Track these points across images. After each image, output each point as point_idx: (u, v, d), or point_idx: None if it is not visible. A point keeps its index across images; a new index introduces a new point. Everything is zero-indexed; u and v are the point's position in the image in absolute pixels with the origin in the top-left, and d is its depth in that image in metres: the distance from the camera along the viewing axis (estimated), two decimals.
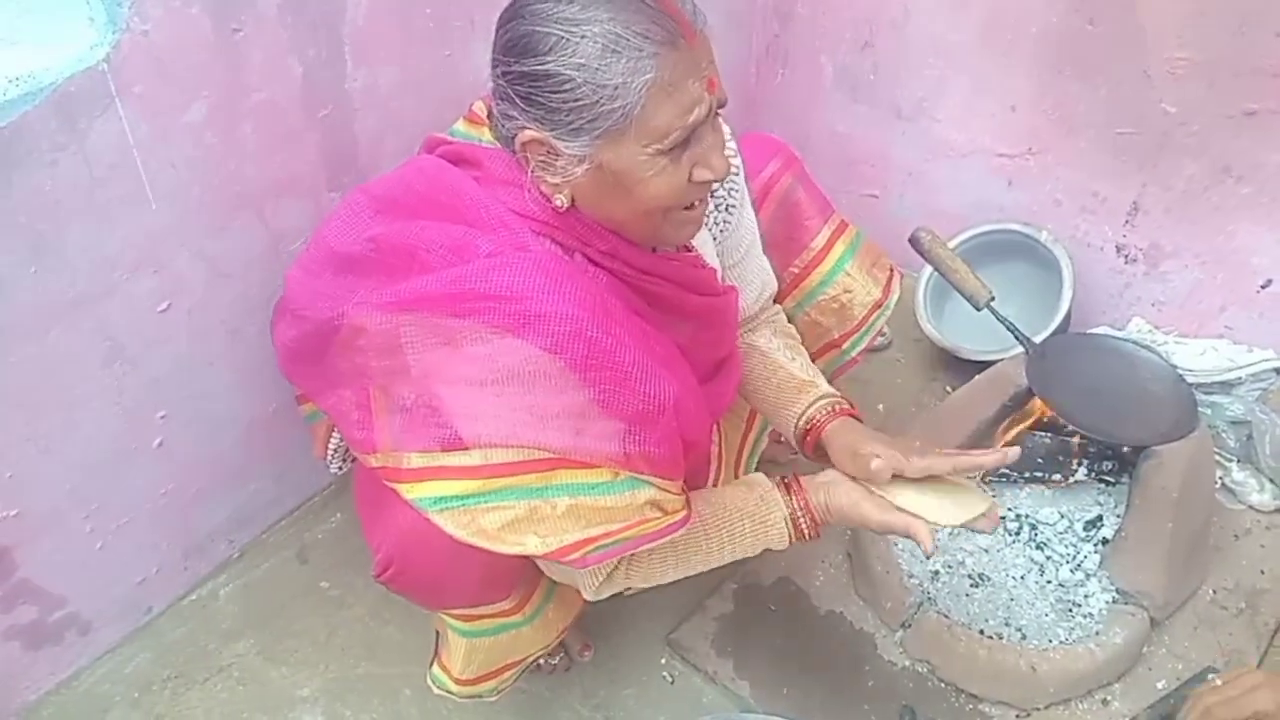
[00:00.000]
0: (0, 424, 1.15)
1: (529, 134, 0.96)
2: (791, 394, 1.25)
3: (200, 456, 1.37)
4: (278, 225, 1.30)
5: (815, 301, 1.42)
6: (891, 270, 1.46)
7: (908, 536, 1.09)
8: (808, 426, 1.22)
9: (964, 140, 1.85)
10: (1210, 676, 1.22)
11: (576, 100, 0.92)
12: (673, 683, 1.41)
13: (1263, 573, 1.48)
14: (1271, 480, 1.57)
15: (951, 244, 1.65)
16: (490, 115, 1.05)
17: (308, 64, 1.24)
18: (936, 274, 1.58)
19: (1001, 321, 1.48)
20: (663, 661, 1.43)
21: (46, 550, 1.26)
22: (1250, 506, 1.57)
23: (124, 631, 1.41)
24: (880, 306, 1.44)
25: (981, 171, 1.86)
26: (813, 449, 1.22)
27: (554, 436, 0.96)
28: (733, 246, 1.28)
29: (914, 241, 1.53)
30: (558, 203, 1.01)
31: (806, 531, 1.11)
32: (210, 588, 1.48)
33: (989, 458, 1.12)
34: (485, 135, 1.06)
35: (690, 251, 1.17)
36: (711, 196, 1.20)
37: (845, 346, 1.44)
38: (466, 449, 0.95)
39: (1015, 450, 1.13)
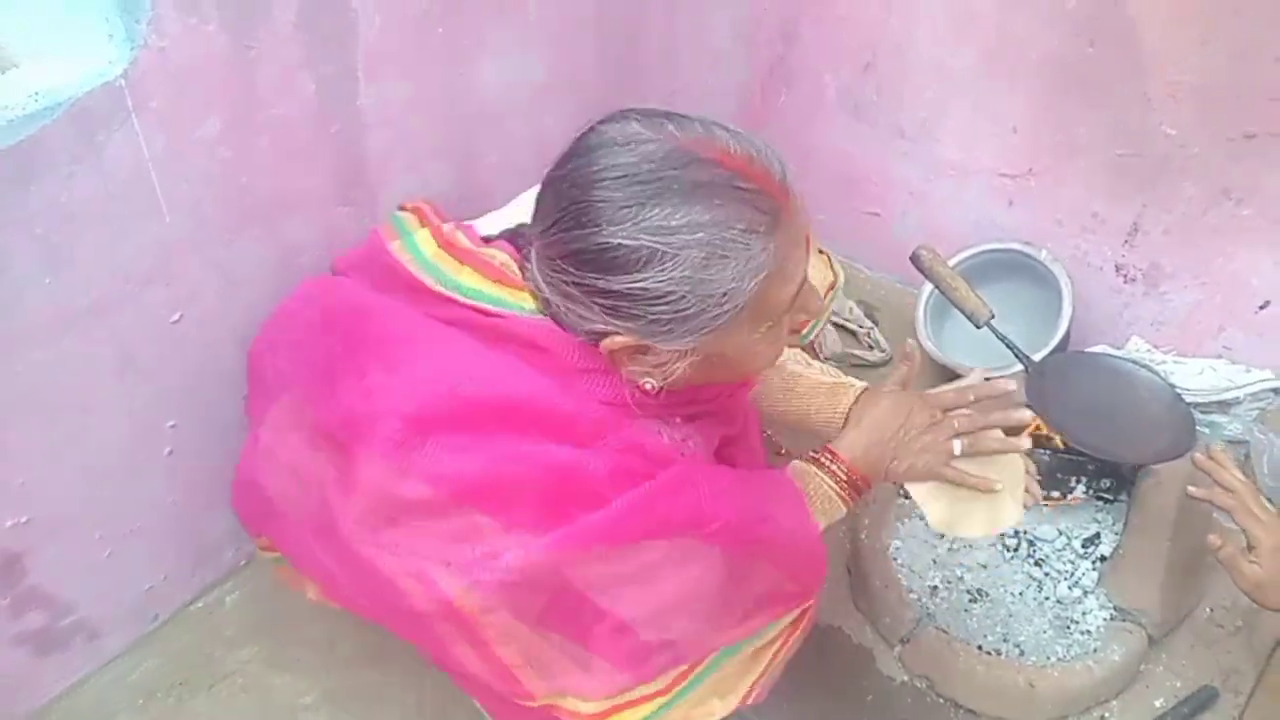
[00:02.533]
0: (13, 431, 1.16)
1: (623, 340, 0.85)
2: (825, 398, 1.21)
3: (209, 465, 1.38)
4: (288, 238, 1.32)
5: None
6: (827, 253, 1.52)
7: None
8: None
9: (965, 160, 1.87)
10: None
11: (681, 312, 0.82)
12: None
13: None
14: (1270, 499, 1.58)
15: (952, 262, 1.67)
16: (536, 293, 0.91)
17: (320, 81, 1.26)
18: (937, 291, 1.60)
19: (1001, 339, 1.49)
20: None
21: (56, 557, 1.27)
22: None
23: (131, 638, 1.42)
24: (834, 287, 1.51)
25: (982, 191, 1.88)
26: None
27: (732, 634, 0.97)
28: None
29: (915, 259, 1.55)
30: (648, 387, 0.91)
31: (859, 490, 1.07)
32: (216, 595, 1.49)
33: (1000, 384, 1.11)
34: (526, 302, 0.92)
35: None
36: None
37: (805, 331, 1.46)
38: (654, 679, 0.94)
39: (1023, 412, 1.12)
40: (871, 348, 1.94)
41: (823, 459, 1.07)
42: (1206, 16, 1.49)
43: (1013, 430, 1.13)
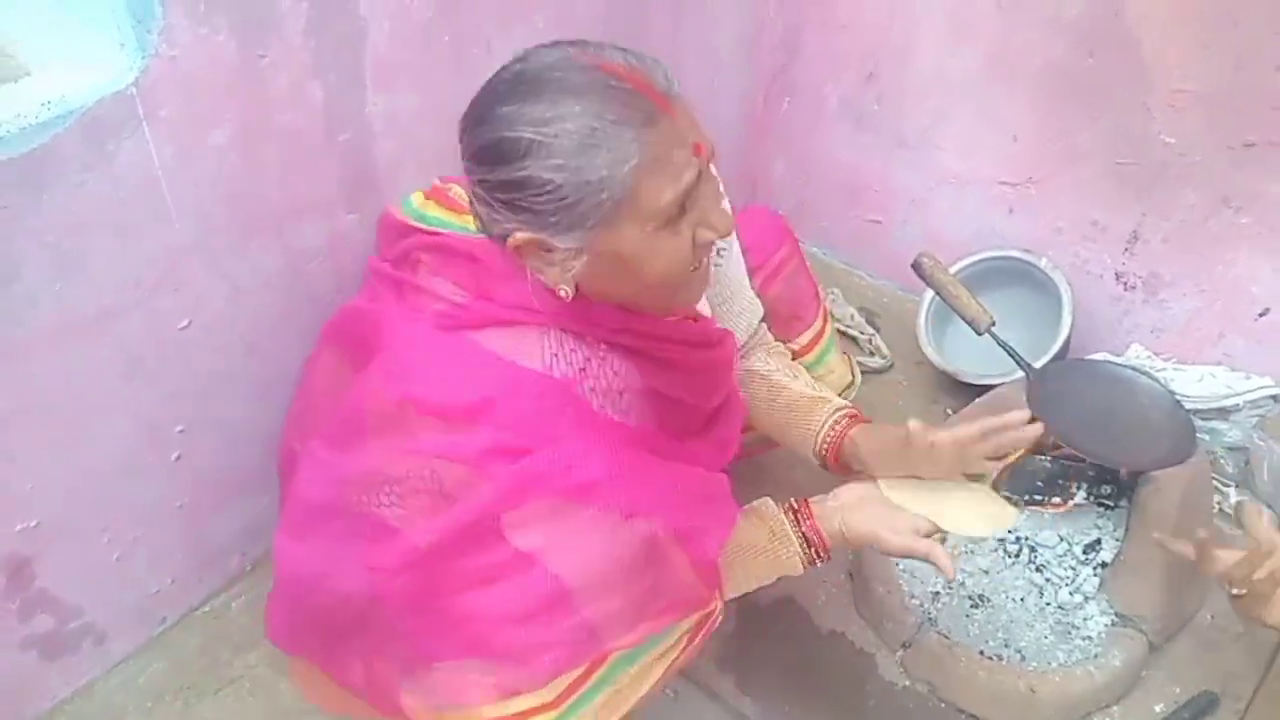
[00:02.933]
0: (22, 436, 1.17)
1: (520, 236, 0.93)
2: (804, 412, 1.26)
3: (216, 470, 1.40)
4: (296, 245, 1.33)
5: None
6: (848, 355, 1.62)
7: (929, 561, 1.10)
8: (829, 440, 1.23)
9: (966, 169, 1.88)
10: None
11: (562, 200, 0.90)
12: (675, 699, 1.42)
13: None
14: (1269, 505, 1.59)
15: (953, 270, 1.68)
16: (472, 207, 1.01)
17: (329, 89, 1.27)
18: (938, 299, 1.61)
19: (1002, 346, 1.50)
20: None
21: (64, 561, 1.28)
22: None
23: (138, 642, 1.43)
24: (850, 386, 1.59)
25: (983, 199, 1.89)
26: (836, 460, 1.24)
27: (621, 638, 0.99)
28: (723, 286, 1.31)
29: (916, 267, 1.56)
30: (562, 294, 0.98)
31: (818, 559, 1.13)
32: (223, 599, 1.50)
33: (1012, 417, 1.15)
34: (470, 224, 1.03)
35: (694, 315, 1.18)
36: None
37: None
38: (540, 689, 0.98)
39: (1034, 427, 1.16)
40: (873, 354, 1.95)
41: (801, 521, 1.13)
42: (1204, 26, 1.51)
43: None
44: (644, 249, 0.94)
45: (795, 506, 1.15)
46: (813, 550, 1.13)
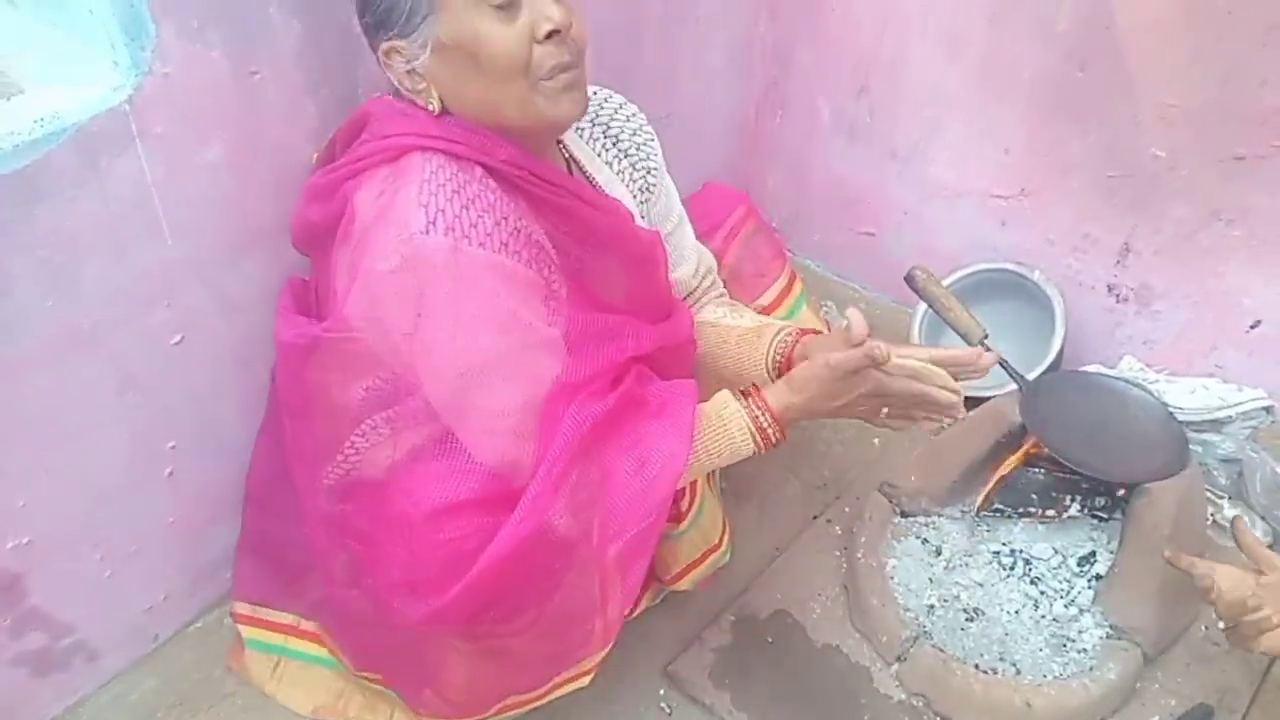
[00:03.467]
0: (15, 452, 1.17)
1: (383, 47, 1.05)
2: (751, 342, 1.29)
3: (209, 485, 1.39)
4: (289, 261, 1.33)
5: None
6: (824, 317, 1.64)
7: (869, 360, 1.09)
8: (779, 359, 1.26)
9: (958, 181, 1.89)
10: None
11: None
12: (670, 714, 1.42)
13: None
14: (1262, 517, 1.59)
15: (946, 282, 1.69)
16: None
17: (323, 105, 1.28)
18: (931, 311, 1.61)
19: (996, 358, 1.51)
20: (661, 693, 1.44)
21: (57, 577, 1.28)
22: None
23: (130, 659, 1.43)
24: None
25: (975, 212, 1.90)
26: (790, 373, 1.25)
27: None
28: (662, 215, 1.35)
29: (909, 280, 1.57)
30: (432, 107, 1.07)
31: (770, 431, 1.12)
32: (216, 615, 1.49)
33: (964, 354, 1.18)
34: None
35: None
36: (625, 155, 1.30)
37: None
38: None
39: (992, 356, 1.20)
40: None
41: (752, 400, 1.14)
42: (1192, 41, 1.52)
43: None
44: (476, 33, 1.02)
45: (743, 389, 1.16)
46: (763, 420, 1.12)
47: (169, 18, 1.10)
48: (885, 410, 1.16)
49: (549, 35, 1.03)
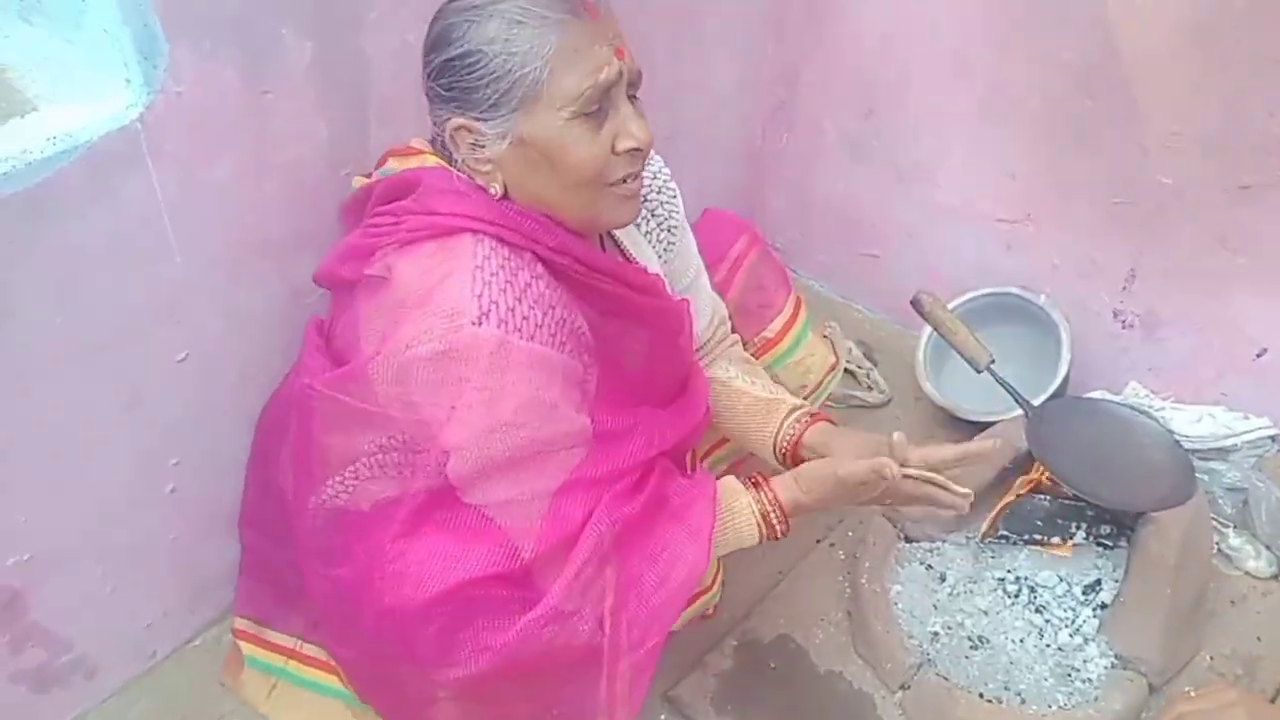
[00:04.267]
0: (19, 468, 1.17)
1: (454, 122, 1.03)
2: (761, 415, 1.30)
3: (209, 502, 1.39)
4: (295, 278, 1.33)
5: (785, 363, 1.57)
6: (831, 338, 1.67)
7: (876, 474, 1.11)
8: (787, 442, 1.27)
9: (963, 205, 1.89)
10: (1186, 689, 1.20)
11: (490, 73, 0.99)
12: None
13: (1259, 639, 1.49)
14: (1268, 546, 1.59)
15: (951, 306, 1.69)
16: (431, 142, 1.11)
17: (333, 125, 1.28)
18: (937, 335, 1.61)
19: (1001, 384, 1.51)
20: (662, 718, 1.43)
21: (57, 593, 1.27)
22: (1246, 572, 1.58)
23: (128, 675, 1.42)
24: (834, 368, 1.62)
25: (981, 235, 1.90)
26: (794, 461, 1.26)
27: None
28: (681, 269, 1.36)
29: (915, 304, 1.57)
30: (492, 191, 1.06)
31: (776, 525, 1.15)
32: (214, 633, 1.49)
33: (984, 446, 1.20)
34: (426, 161, 1.11)
35: (634, 262, 1.23)
36: (652, 215, 1.30)
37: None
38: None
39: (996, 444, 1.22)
40: (870, 389, 1.95)
41: (763, 493, 1.15)
42: (1197, 69, 1.52)
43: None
44: (562, 140, 1.01)
45: (753, 478, 1.18)
46: (772, 516, 1.14)
47: (183, 37, 1.10)
48: (890, 502, 1.19)
49: (628, 150, 1.04)
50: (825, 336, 1.66)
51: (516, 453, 1.01)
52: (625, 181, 1.07)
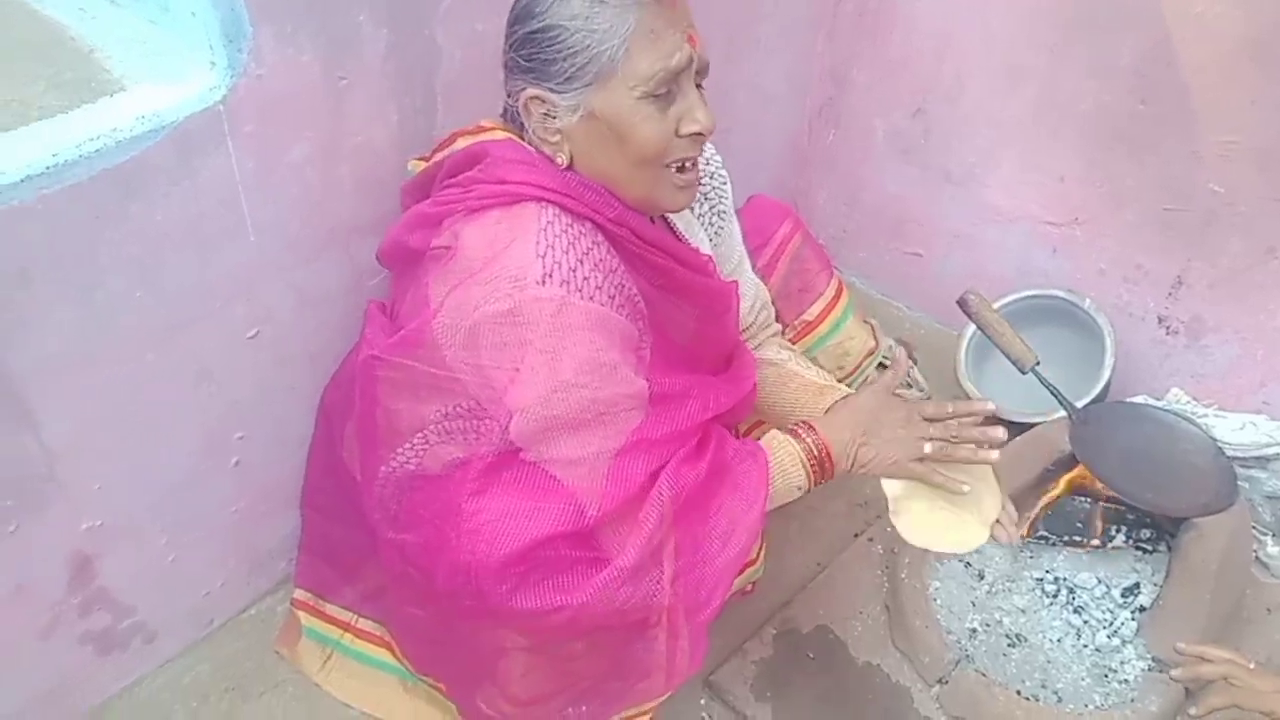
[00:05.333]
0: (95, 438, 1.21)
1: (529, 92, 1.06)
2: (812, 396, 1.32)
3: (271, 477, 1.42)
4: (361, 261, 1.36)
5: (823, 346, 1.60)
6: (873, 325, 1.67)
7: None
8: None
9: (1012, 207, 1.90)
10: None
11: (569, 48, 1.02)
12: None
13: None
14: None
15: (996, 306, 1.70)
16: (504, 112, 1.14)
17: (404, 112, 1.31)
18: (980, 334, 1.63)
19: (1046, 386, 1.52)
20: (702, 702, 1.46)
21: (124, 560, 1.31)
22: None
23: (186, 642, 1.46)
24: (872, 353, 1.65)
25: (1027, 238, 1.91)
26: None
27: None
28: (726, 254, 1.39)
29: (962, 303, 1.58)
30: (559, 161, 1.09)
31: (825, 463, 1.18)
32: (269, 604, 1.53)
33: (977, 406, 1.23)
34: (495, 135, 1.14)
35: (686, 243, 1.26)
36: (705, 198, 1.33)
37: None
38: None
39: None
40: (909, 385, 1.96)
41: (798, 429, 1.19)
42: (1255, 80, 1.53)
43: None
44: (631, 117, 1.05)
45: (792, 427, 1.21)
46: (815, 454, 1.17)
47: (267, 22, 1.12)
48: (928, 446, 1.18)
49: (691, 134, 1.07)
50: (867, 322, 1.66)
51: (578, 413, 1.04)
52: (684, 168, 1.11)
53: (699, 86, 1.10)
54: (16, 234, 1.03)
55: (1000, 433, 1.20)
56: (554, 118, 1.07)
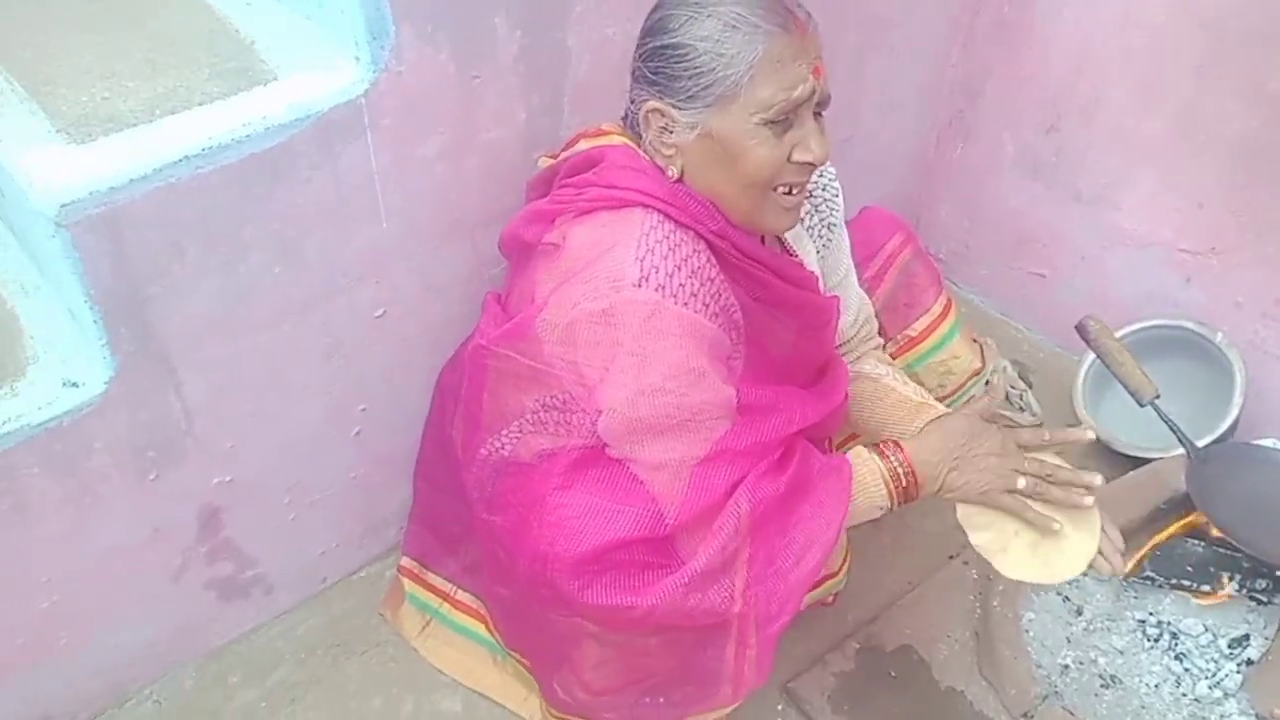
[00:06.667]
0: (232, 400, 1.31)
1: (651, 104, 1.09)
2: (907, 413, 1.31)
3: (388, 448, 1.51)
4: (484, 251, 1.43)
5: (926, 363, 1.57)
6: (982, 345, 1.63)
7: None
8: None
9: (1144, 231, 1.83)
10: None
11: (696, 68, 1.05)
12: None
13: None
14: None
15: (1119, 334, 1.64)
16: (624, 118, 1.17)
17: (531, 110, 1.36)
18: (1099, 363, 1.58)
19: (1165, 421, 1.47)
20: (779, 709, 1.47)
21: (249, 515, 1.41)
22: None
23: (300, 597, 1.56)
24: (978, 374, 1.60)
25: (1159, 264, 1.83)
26: None
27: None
28: (833, 266, 1.38)
29: (1081, 329, 1.54)
30: (670, 173, 1.12)
31: (905, 481, 1.16)
32: (378, 568, 1.61)
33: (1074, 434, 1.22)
34: (613, 140, 1.17)
35: (793, 256, 1.27)
36: (815, 210, 1.33)
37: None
38: None
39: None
40: (1022, 409, 1.91)
41: (885, 448, 1.18)
42: None
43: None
44: (746, 141, 1.06)
45: (879, 444, 1.20)
46: (901, 474, 1.16)
47: (408, 21, 1.19)
48: (1022, 481, 1.16)
49: (804, 163, 1.09)
50: (976, 341, 1.62)
51: (663, 417, 1.06)
52: (791, 192, 1.12)
53: (818, 115, 1.11)
54: (173, 209, 1.13)
55: (1097, 479, 1.16)
56: (671, 132, 1.10)
